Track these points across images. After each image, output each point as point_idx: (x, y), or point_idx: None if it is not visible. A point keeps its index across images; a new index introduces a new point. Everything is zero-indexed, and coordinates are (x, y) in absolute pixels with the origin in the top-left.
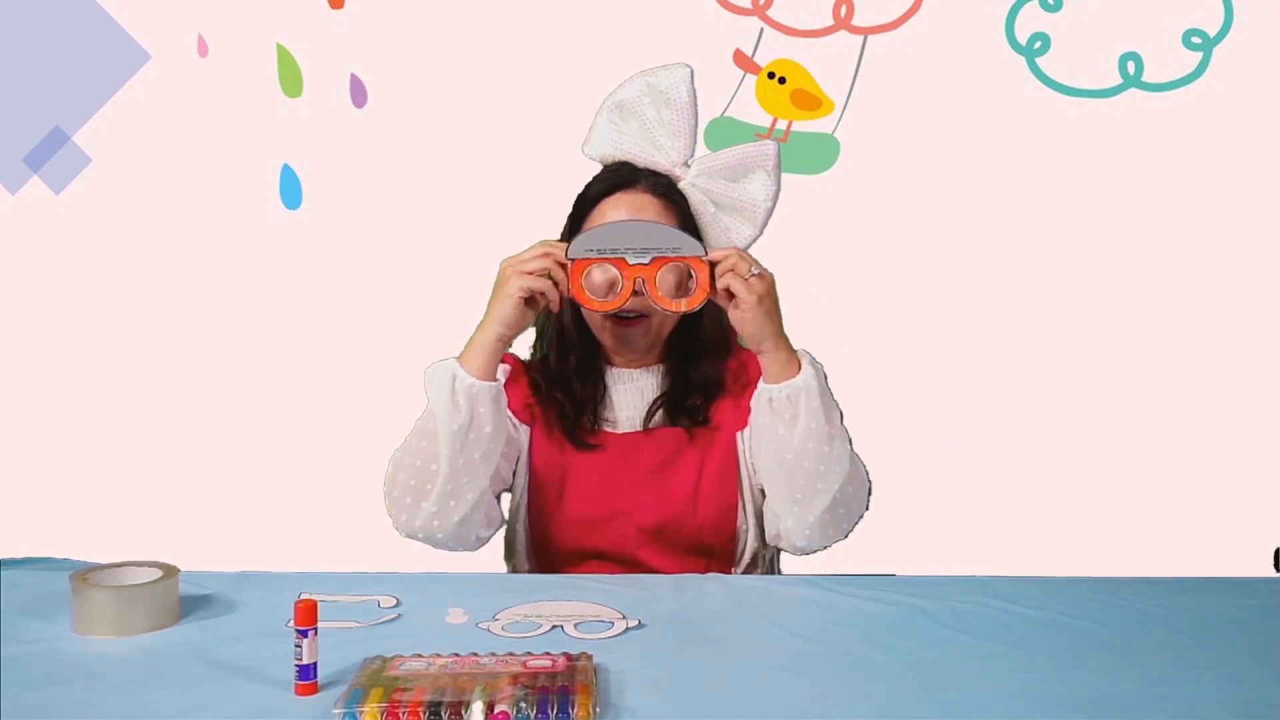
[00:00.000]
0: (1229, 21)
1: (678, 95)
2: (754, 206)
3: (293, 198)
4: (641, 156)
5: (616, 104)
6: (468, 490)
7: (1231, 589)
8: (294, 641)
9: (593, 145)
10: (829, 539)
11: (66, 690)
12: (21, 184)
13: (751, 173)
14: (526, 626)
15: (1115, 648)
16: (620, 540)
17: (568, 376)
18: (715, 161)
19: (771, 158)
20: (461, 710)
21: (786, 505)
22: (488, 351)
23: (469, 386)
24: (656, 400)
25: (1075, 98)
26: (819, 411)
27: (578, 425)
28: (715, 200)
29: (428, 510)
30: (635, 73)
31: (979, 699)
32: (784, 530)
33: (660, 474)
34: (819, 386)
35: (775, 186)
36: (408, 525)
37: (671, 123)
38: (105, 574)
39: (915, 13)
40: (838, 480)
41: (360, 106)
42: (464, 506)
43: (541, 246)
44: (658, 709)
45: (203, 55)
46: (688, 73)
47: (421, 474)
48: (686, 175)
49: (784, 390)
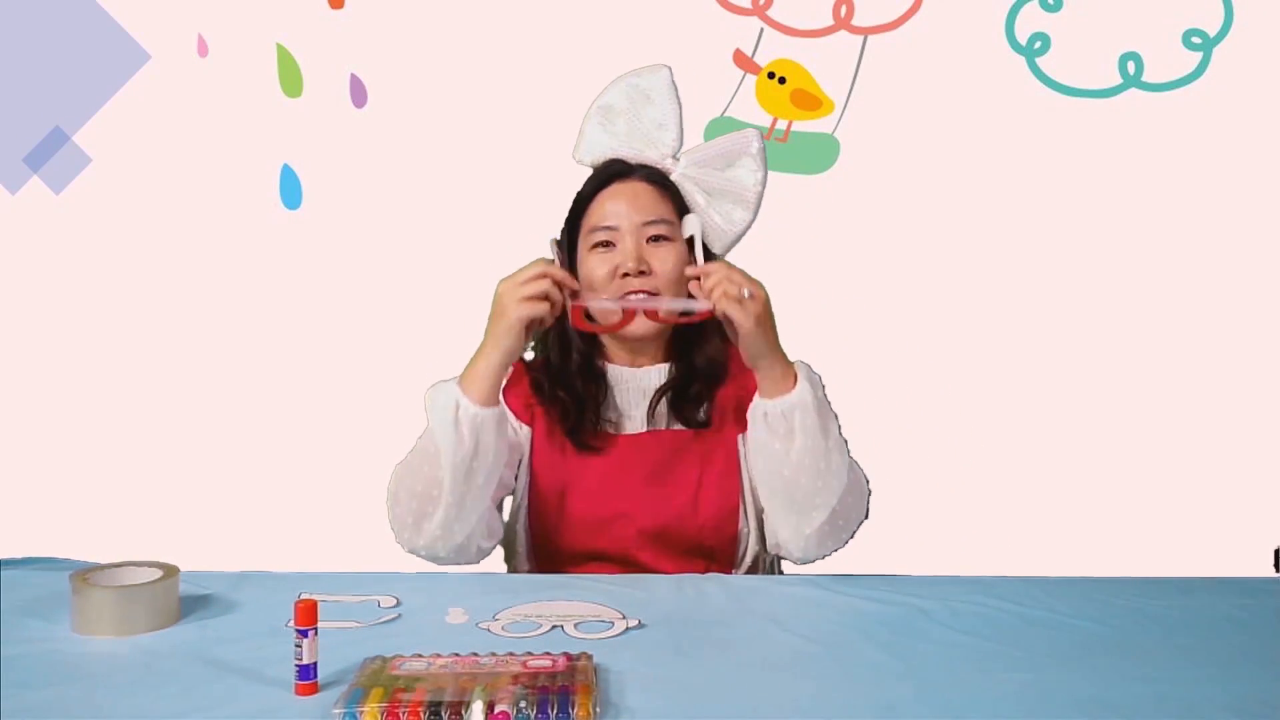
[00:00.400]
0: (1229, 21)
1: (660, 92)
2: (745, 192)
3: (293, 198)
4: (632, 154)
5: (603, 107)
6: (471, 513)
7: (1231, 589)
8: (294, 641)
9: (583, 149)
10: (827, 549)
11: (66, 690)
12: (21, 184)
13: (738, 160)
14: (526, 626)
15: (1115, 648)
16: (621, 542)
17: (570, 375)
18: (703, 153)
19: (755, 143)
20: (461, 710)
21: (784, 518)
22: (491, 380)
23: (473, 416)
24: (659, 391)
25: (1075, 98)
26: (815, 428)
27: (580, 426)
28: (706, 189)
29: (431, 532)
30: (615, 77)
31: (979, 699)
32: (782, 541)
33: (661, 476)
34: (815, 401)
35: (763, 172)
36: (410, 543)
37: (658, 119)
38: (105, 574)
39: (915, 13)
40: (835, 494)
41: (360, 106)
42: (467, 528)
43: (538, 266)
44: (658, 709)
45: (203, 55)
46: (668, 71)
47: (423, 498)
48: (676, 168)
49: (778, 406)
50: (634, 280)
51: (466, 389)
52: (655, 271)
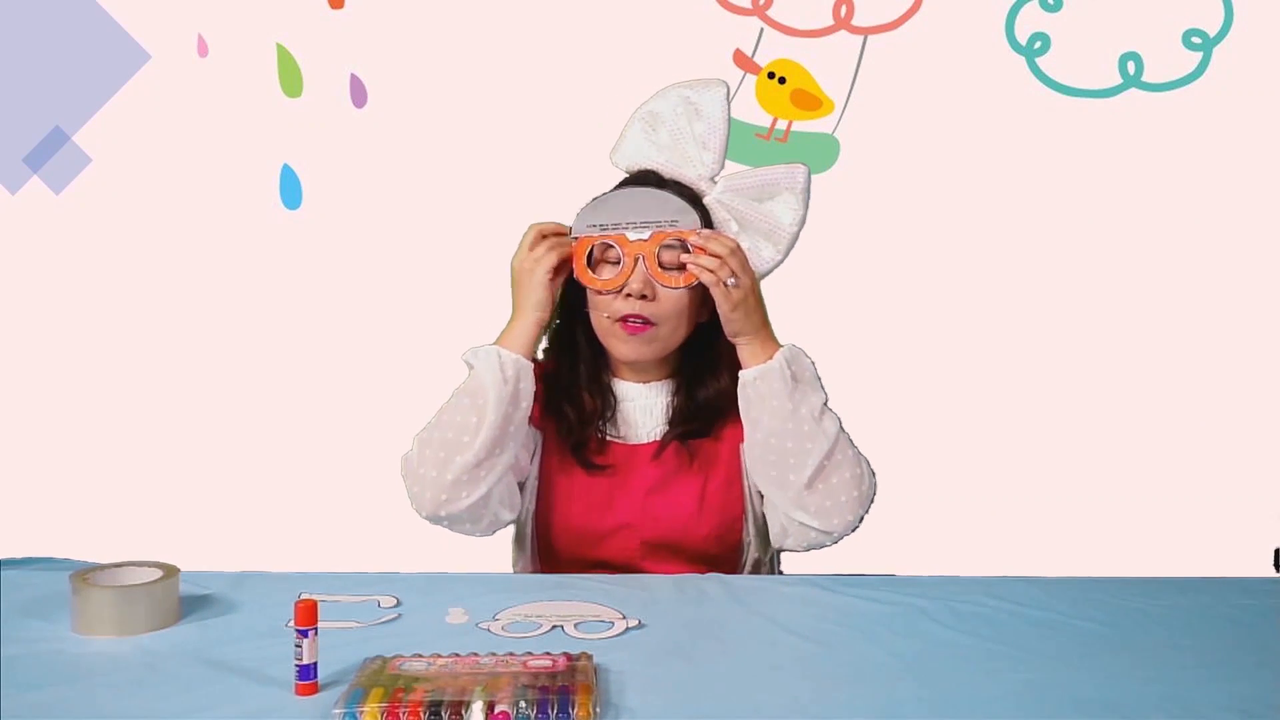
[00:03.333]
0: (1229, 21)
1: (712, 110)
2: (779, 230)
3: (293, 198)
4: (669, 167)
5: (649, 114)
6: (499, 462)
7: (1231, 589)
8: (294, 641)
9: (622, 154)
10: (826, 514)
11: (66, 690)
12: (21, 184)
13: (779, 194)
14: (526, 626)
15: (1115, 648)
16: (624, 552)
17: (577, 389)
18: (743, 180)
19: (801, 181)
20: (461, 710)
21: (773, 485)
22: (526, 337)
23: (515, 360)
24: (668, 422)
25: (1075, 98)
26: (785, 392)
27: (583, 442)
28: (739, 219)
29: (457, 477)
30: (670, 84)
31: (979, 699)
32: (780, 505)
33: (665, 488)
34: (789, 371)
35: (803, 211)
36: (433, 496)
37: (702, 136)
38: (105, 574)
39: (915, 13)
40: (818, 454)
41: (360, 106)
42: (492, 479)
43: (531, 231)
44: (658, 709)
45: (203, 55)
46: (724, 89)
47: (453, 445)
48: (712, 191)
49: (753, 373)
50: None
51: (505, 344)
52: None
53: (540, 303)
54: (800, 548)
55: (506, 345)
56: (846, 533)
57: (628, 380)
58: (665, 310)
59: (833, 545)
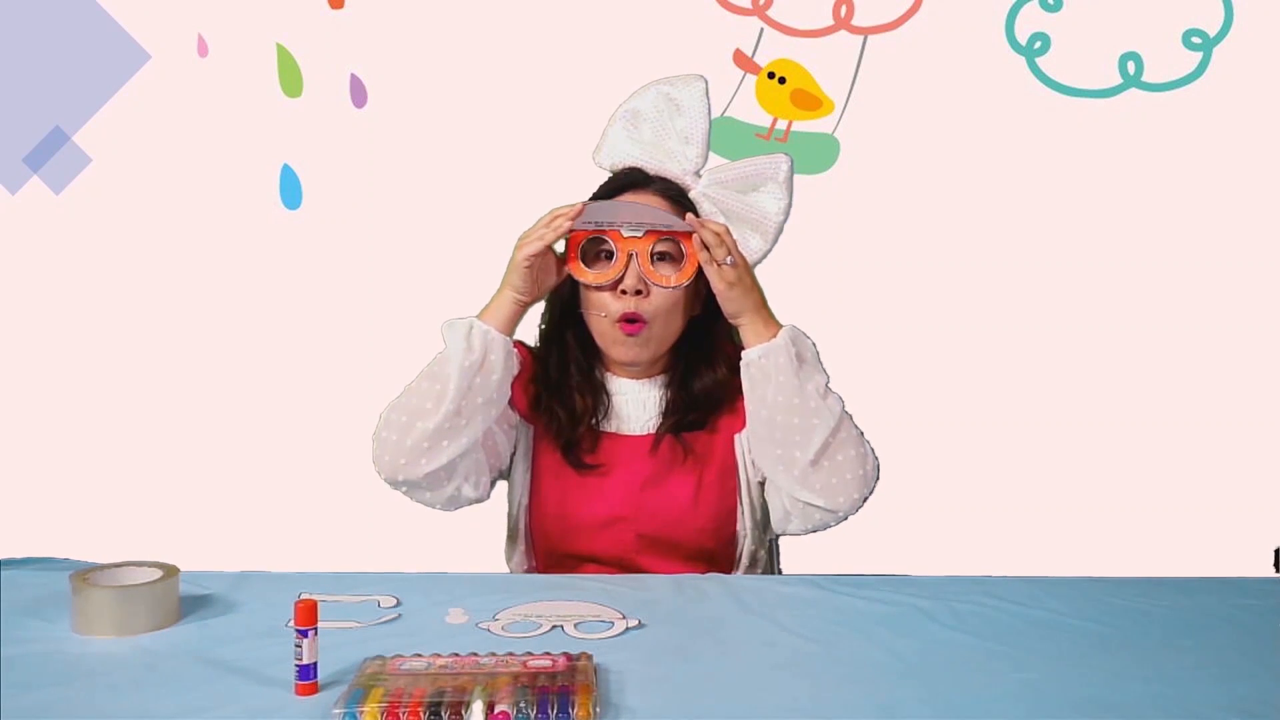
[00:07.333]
0: (1229, 21)
1: (692, 105)
2: (765, 220)
3: (293, 198)
4: (653, 163)
5: (630, 112)
6: (463, 434)
7: (1231, 589)
8: (294, 641)
9: (605, 153)
10: (832, 492)
11: (66, 690)
12: (21, 184)
13: (763, 185)
14: (526, 626)
15: (1115, 648)
16: (619, 546)
17: (568, 390)
18: (727, 173)
19: (784, 170)
20: (461, 710)
21: (777, 466)
22: (502, 313)
23: (485, 332)
24: (661, 416)
25: (1075, 98)
26: (790, 369)
27: (574, 441)
28: (725, 211)
29: (417, 443)
30: (649, 81)
31: (979, 699)
32: (784, 485)
33: (660, 482)
34: (794, 349)
35: (787, 200)
36: (392, 459)
37: (684, 131)
38: (105, 574)
39: (915, 13)
40: (822, 434)
41: (360, 106)
42: (455, 450)
43: (550, 214)
44: (658, 709)
45: (203, 55)
46: (703, 84)
47: (417, 410)
48: (697, 185)
49: (755, 352)
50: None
51: (481, 317)
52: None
53: (515, 285)
54: (804, 530)
55: (484, 316)
56: (851, 512)
57: (621, 376)
58: (658, 307)
59: (836, 526)
